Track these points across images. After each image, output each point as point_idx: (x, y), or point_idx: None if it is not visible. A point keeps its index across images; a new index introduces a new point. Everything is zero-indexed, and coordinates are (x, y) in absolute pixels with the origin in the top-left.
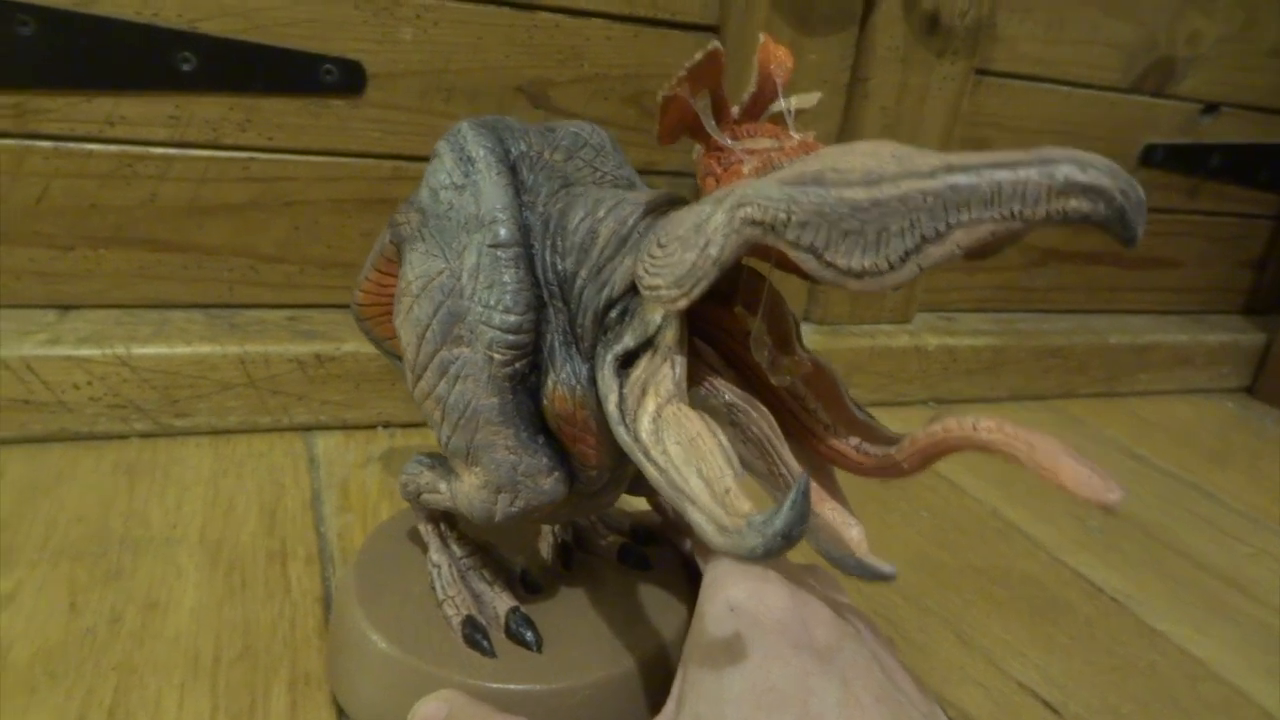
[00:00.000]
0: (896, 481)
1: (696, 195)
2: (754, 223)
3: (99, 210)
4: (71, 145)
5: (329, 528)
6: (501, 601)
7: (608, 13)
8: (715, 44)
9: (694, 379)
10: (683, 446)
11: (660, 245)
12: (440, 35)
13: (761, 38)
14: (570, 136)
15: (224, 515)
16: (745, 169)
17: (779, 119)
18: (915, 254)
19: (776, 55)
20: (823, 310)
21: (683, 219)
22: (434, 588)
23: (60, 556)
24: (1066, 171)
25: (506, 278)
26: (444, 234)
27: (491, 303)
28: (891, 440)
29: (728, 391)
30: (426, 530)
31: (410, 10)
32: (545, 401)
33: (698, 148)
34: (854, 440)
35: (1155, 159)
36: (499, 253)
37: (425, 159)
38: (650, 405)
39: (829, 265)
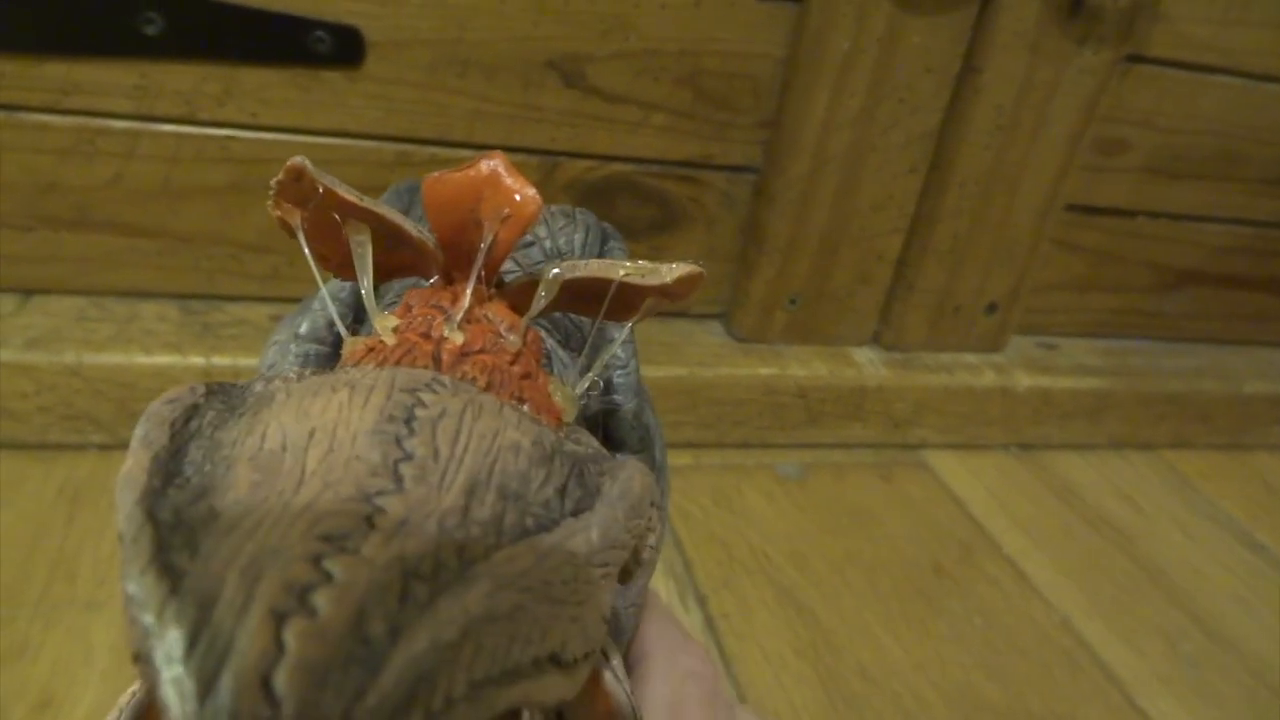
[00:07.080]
0: (950, 573)
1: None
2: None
3: (58, 190)
4: (23, 116)
5: None
6: None
7: None
8: (296, 160)
9: None
10: None
11: None
12: None
13: (485, 164)
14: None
15: None
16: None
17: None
18: None
19: (502, 190)
20: (894, 334)
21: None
22: None
23: None
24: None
25: None
26: None
27: None
28: None
29: None
30: None
31: None
32: None
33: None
34: None
35: None
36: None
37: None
38: None
39: None
